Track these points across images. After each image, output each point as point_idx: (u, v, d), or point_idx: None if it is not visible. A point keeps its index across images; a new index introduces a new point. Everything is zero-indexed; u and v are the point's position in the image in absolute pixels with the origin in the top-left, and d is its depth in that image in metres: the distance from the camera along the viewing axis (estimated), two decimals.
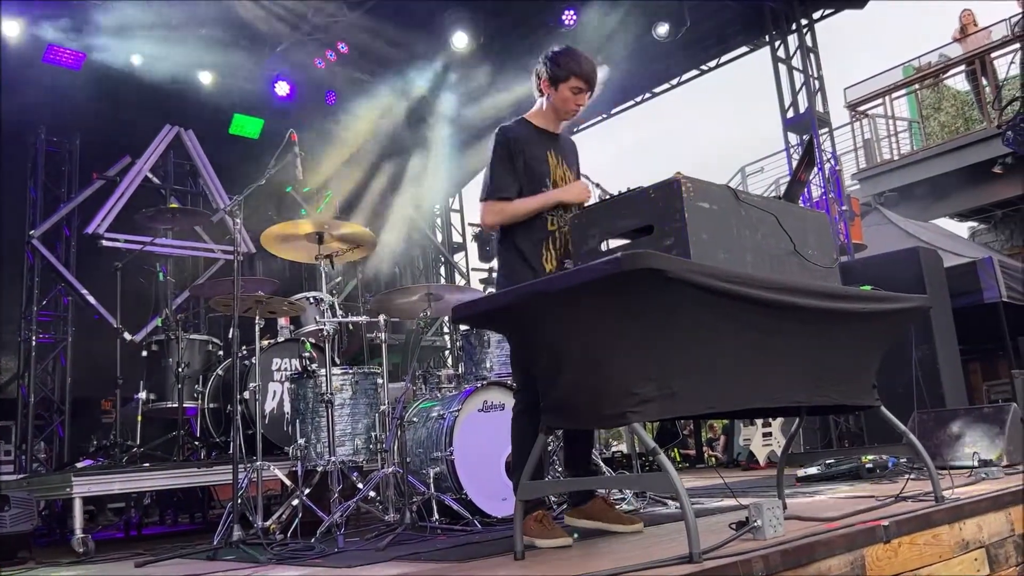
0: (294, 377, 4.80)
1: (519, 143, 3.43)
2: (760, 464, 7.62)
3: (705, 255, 2.61)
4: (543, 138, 3.50)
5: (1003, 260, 8.17)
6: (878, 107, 12.95)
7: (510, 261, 3.44)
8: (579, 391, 2.67)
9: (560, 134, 3.61)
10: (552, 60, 3.42)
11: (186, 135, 9.26)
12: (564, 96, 3.42)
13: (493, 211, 3.41)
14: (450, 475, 4.26)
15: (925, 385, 6.19)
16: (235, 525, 3.92)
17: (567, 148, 3.62)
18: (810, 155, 3.93)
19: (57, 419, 7.81)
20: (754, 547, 2.38)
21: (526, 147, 3.43)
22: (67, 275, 8.14)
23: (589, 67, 3.42)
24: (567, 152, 3.59)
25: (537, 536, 3.07)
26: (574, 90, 3.40)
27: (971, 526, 3.06)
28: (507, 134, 3.44)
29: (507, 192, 3.38)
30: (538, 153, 3.45)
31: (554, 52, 3.45)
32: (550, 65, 3.42)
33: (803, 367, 2.94)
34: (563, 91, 3.41)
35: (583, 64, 3.41)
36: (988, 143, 10.80)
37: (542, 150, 3.46)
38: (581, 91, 3.41)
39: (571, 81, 3.39)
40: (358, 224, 4.94)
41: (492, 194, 3.40)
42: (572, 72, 3.38)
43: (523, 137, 3.46)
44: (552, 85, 3.42)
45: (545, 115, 3.52)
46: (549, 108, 3.49)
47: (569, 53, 3.43)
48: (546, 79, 3.43)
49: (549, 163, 3.45)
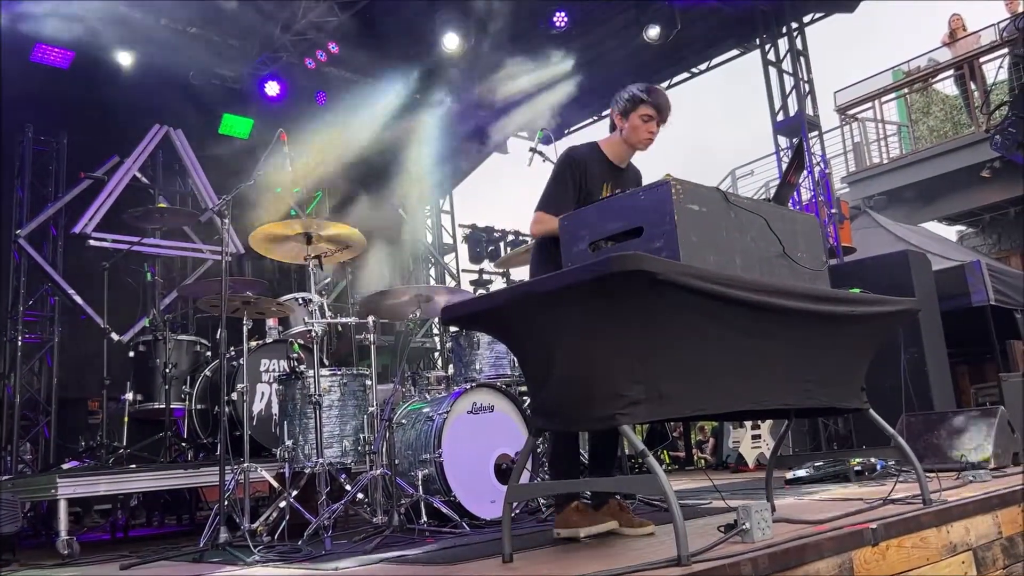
0: (282, 378, 4.78)
1: (581, 166, 3.55)
2: (749, 466, 7.63)
3: (694, 257, 2.61)
4: (605, 168, 3.62)
5: (991, 264, 8.21)
6: (867, 111, 13.01)
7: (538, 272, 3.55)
8: (568, 392, 2.66)
9: (626, 169, 3.70)
10: (625, 92, 3.57)
11: (175, 134, 9.21)
12: (634, 124, 3.53)
13: (538, 221, 3.53)
14: (439, 477, 4.25)
15: (914, 388, 6.21)
16: (222, 527, 3.91)
17: (630, 183, 3.68)
18: (800, 158, 3.94)
19: (43, 420, 7.74)
20: (743, 550, 2.38)
21: (588, 173, 3.55)
22: (54, 275, 8.08)
23: (661, 97, 3.55)
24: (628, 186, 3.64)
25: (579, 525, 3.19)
26: (644, 118, 3.51)
27: (959, 529, 3.06)
28: (573, 155, 3.59)
29: (555, 208, 3.47)
30: (594, 181, 3.56)
31: (629, 86, 3.59)
32: (623, 96, 3.56)
33: (792, 370, 2.94)
34: (633, 119, 3.53)
35: (654, 94, 3.54)
36: (976, 147, 10.86)
37: (599, 180, 3.58)
38: (651, 119, 3.52)
39: (640, 109, 3.51)
40: (347, 225, 4.91)
41: (544, 206, 3.53)
42: (641, 100, 3.51)
43: (588, 163, 3.57)
44: (623, 116, 3.55)
45: (615, 145, 3.64)
46: (620, 139, 3.60)
47: (641, 86, 3.57)
48: (618, 112, 3.57)
49: (602, 192, 3.55)
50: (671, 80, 11.25)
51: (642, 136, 3.55)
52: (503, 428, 4.58)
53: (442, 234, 12.14)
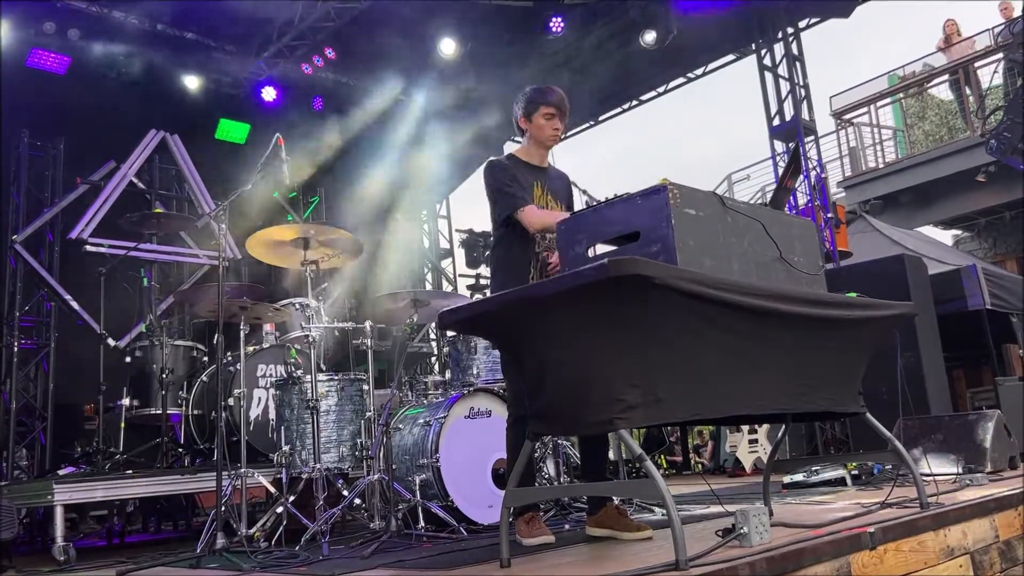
0: (279, 383, 4.77)
1: (509, 170, 3.66)
2: (746, 471, 7.63)
3: (691, 261, 2.61)
4: (529, 170, 3.74)
5: (987, 268, 8.21)
6: (863, 115, 13.04)
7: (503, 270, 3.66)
8: (565, 397, 2.66)
9: (547, 168, 3.83)
10: (521, 97, 3.72)
11: (172, 140, 9.20)
12: (539, 124, 3.68)
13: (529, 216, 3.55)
14: (436, 482, 4.24)
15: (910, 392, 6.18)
16: (219, 533, 3.90)
17: (555, 180, 3.83)
18: (796, 163, 3.96)
19: (39, 426, 7.73)
20: (740, 554, 2.38)
21: (515, 176, 3.65)
22: (50, 280, 8.07)
23: (555, 94, 3.70)
24: (554, 184, 3.81)
25: (524, 536, 3.31)
26: (546, 116, 3.66)
27: (956, 532, 3.07)
28: (496, 162, 3.73)
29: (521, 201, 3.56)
30: (525, 184, 3.67)
31: (522, 93, 3.74)
32: (521, 102, 3.71)
33: (789, 374, 2.95)
34: (537, 120, 3.68)
35: (548, 93, 3.69)
36: (972, 152, 10.89)
37: (528, 181, 3.69)
38: (553, 116, 3.68)
39: (541, 110, 3.66)
40: (344, 230, 4.92)
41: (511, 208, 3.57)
42: (540, 102, 3.66)
43: (512, 168, 3.69)
44: (527, 118, 3.70)
45: (528, 150, 3.79)
46: (531, 142, 3.77)
47: (534, 89, 3.73)
48: (521, 116, 3.72)
49: (534, 193, 3.67)
50: (667, 85, 11.27)
51: (548, 133, 3.70)
52: (500, 433, 4.52)
53: (439, 239, 12.14)
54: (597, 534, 3.42)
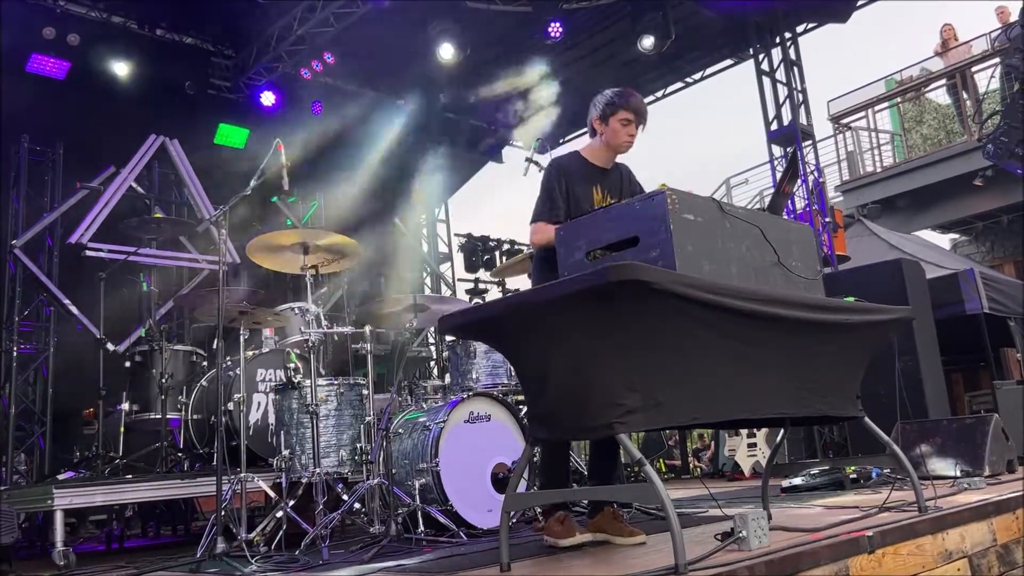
0: (279, 388, 4.77)
1: (568, 175, 3.63)
2: (745, 474, 7.63)
3: (690, 266, 2.63)
4: (591, 172, 3.70)
5: (984, 272, 8.23)
6: (861, 120, 13.07)
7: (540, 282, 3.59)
8: (565, 401, 2.67)
9: (611, 169, 3.77)
10: (602, 97, 3.64)
11: (171, 145, 9.21)
12: (614, 128, 3.61)
13: (537, 231, 3.57)
14: (436, 487, 4.24)
15: (908, 396, 6.20)
16: (219, 537, 3.89)
17: (618, 182, 3.76)
18: (794, 167, 3.98)
19: (38, 430, 7.72)
20: (739, 558, 2.39)
21: (574, 179, 3.63)
22: (49, 285, 8.07)
23: (636, 100, 3.63)
24: (617, 186, 3.74)
25: (558, 537, 3.28)
26: (623, 122, 3.59)
27: (954, 536, 3.08)
28: (557, 163, 3.68)
29: (551, 216, 3.54)
30: (585, 186, 3.64)
31: (604, 92, 3.66)
32: (600, 102, 3.63)
33: (787, 378, 2.96)
34: (613, 124, 3.60)
35: (630, 98, 3.62)
36: (969, 156, 10.91)
37: (588, 184, 3.66)
38: (630, 122, 3.61)
39: (619, 114, 3.59)
40: (344, 235, 4.92)
41: (539, 216, 3.58)
42: (619, 106, 3.59)
43: (572, 170, 3.66)
44: (603, 121, 3.63)
45: (597, 151, 3.72)
46: (601, 144, 3.69)
47: (617, 91, 3.65)
48: (597, 116, 3.65)
49: (594, 197, 3.64)
50: (665, 90, 11.32)
51: (622, 139, 3.63)
52: (500, 437, 4.58)
53: (438, 243, 12.15)
54: (591, 539, 3.40)
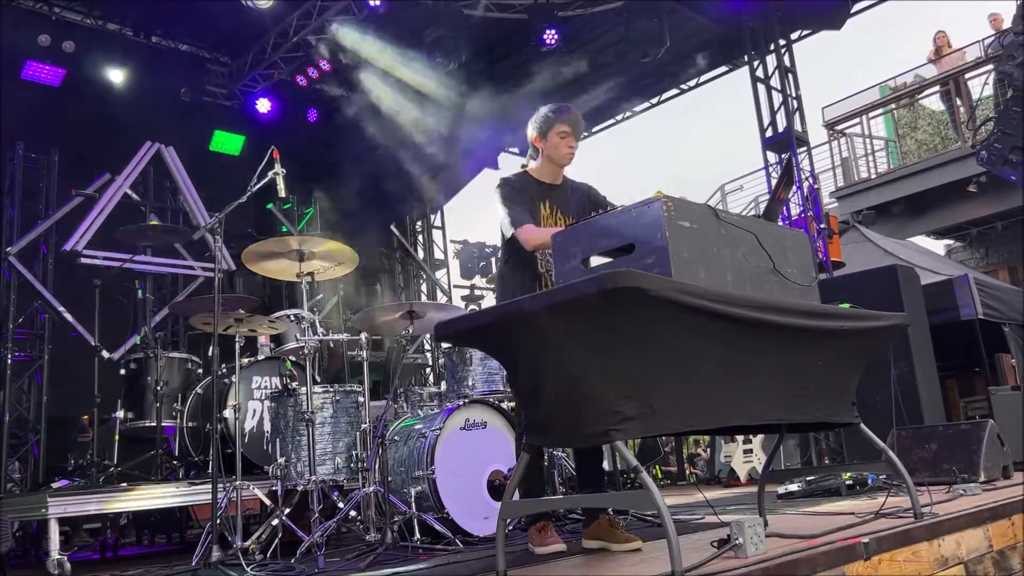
0: (274, 395, 4.76)
1: (517, 186, 3.67)
2: (741, 481, 7.64)
3: (686, 273, 2.63)
4: (539, 189, 3.73)
5: (979, 277, 8.25)
6: (855, 126, 13.11)
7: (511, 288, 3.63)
8: (561, 409, 2.67)
9: (560, 185, 3.78)
10: (538, 114, 3.69)
11: (166, 152, 9.21)
12: (554, 143, 3.65)
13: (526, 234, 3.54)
14: (432, 494, 4.24)
15: (904, 402, 6.22)
16: (214, 545, 3.88)
17: (567, 197, 3.78)
18: (789, 175, 3.98)
19: (32, 438, 7.70)
20: (736, 565, 2.38)
21: (523, 196, 3.65)
22: (44, 292, 8.05)
23: (570, 113, 3.69)
24: (566, 201, 3.76)
25: (536, 545, 3.36)
26: (561, 135, 3.64)
27: (950, 542, 3.08)
28: (506, 181, 3.71)
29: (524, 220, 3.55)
30: (532, 203, 3.67)
31: (539, 109, 3.71)
32: (537, 119, 3.68)
33: (783, 385, 2.96)
34: (552, 138, 3.65)
35: (563, 112, 3.67)
36: (963, 162, 10.95)
37: (536, 201, 3.69)
38: (568, 135, 3.65)
39: (556, 127, 3.63)
40: (339, 241, 4.92)
41: (519, 220, 3.57)
42: (556, 120, 3.64)
43: (519, 187, 3.68)
44: (542, 137, 3.67)
45: (542, 168, 3.75)
46: (544, 160, 3.71)
47: (552, 106, 3.70)
48: (536, 134, 3.69)
49: (541, 213, 3.67)
50: (660, 96, 11.35)
51: (563, 152, 3.66)
52: (496, 444, 4.57)
53: (433, 250, 12.15)
54: (590, 546, 3.42)
